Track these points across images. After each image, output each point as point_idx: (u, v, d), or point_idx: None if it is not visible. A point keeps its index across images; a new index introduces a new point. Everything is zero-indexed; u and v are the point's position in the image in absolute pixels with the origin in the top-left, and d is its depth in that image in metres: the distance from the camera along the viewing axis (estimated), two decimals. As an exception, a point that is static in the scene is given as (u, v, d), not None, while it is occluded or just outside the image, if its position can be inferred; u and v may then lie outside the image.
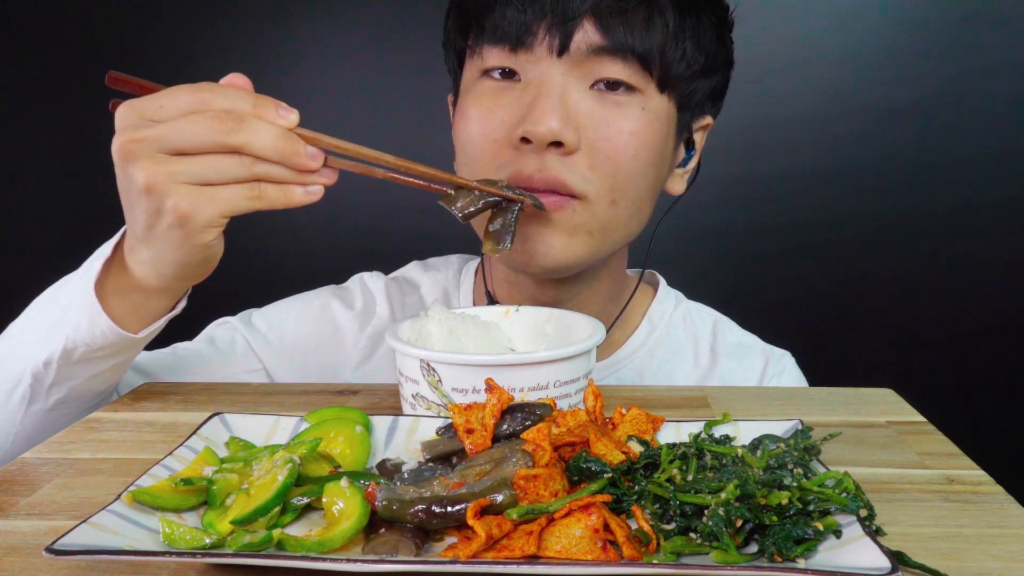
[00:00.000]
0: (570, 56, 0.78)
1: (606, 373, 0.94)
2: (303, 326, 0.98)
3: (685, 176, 0.92)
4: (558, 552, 0.45)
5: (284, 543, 0.46)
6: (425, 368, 0.63)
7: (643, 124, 0.80)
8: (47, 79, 1.98)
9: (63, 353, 0.70)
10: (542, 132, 0.76)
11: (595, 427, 0.55)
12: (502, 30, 0.79)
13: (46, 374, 0.72)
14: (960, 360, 1.98)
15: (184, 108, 0.59)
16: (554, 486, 0.48)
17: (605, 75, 0.79)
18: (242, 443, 0.59)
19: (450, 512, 0.46)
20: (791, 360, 1.00)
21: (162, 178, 0.59)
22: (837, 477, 0.49)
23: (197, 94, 0.60)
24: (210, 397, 0.77)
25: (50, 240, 2.06)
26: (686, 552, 0.45)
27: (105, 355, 0.72)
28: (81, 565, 0.46)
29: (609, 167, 0.79)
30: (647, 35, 0.78)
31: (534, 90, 0.78)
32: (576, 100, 0.79)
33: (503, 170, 0.80)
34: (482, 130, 0.81)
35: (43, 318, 0.74)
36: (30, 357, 0.72)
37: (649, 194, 0.85)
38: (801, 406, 0.74)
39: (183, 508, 0.50)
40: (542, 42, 0.78)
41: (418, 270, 1.05)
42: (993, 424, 1.90)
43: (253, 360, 0.95)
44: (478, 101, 0.82)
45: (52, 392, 0.73)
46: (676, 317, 1.00)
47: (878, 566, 0.41)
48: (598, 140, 0.79)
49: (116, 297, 0.69)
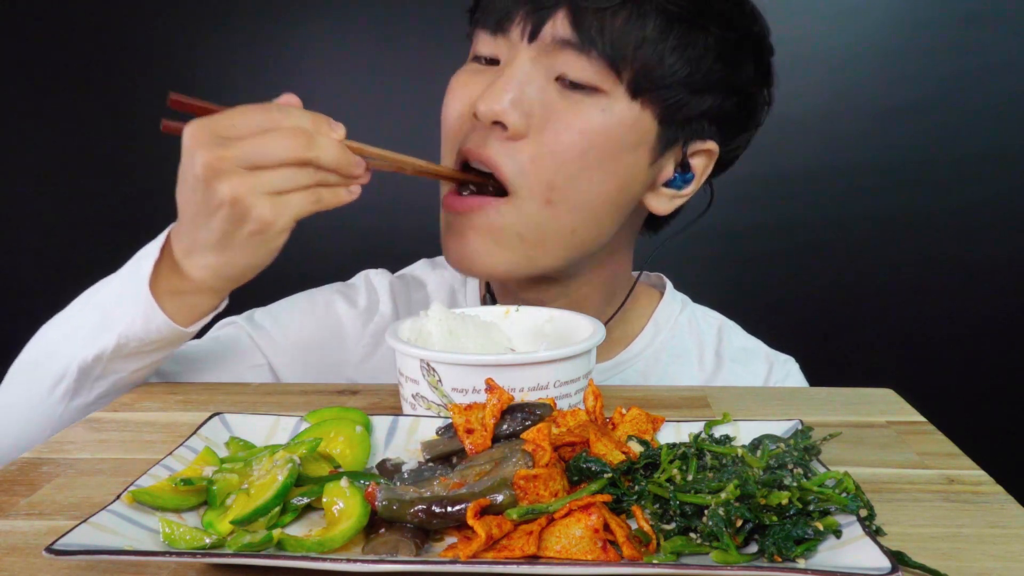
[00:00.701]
0: (538, 44, 0.78)
1: (610, 374, 0.94)
2: (307, 323, 0.98)
3: (676, 200, 0.88)
4: (558, 552, 0.45)
5: (284, 543, 0.46)
6: (425, 368, 0.63)
7: (597, 125, 0.78)
8: (47, 79, 1.98)
9: (115, 348, 0.74)
10: (483, 110, 0.77)
11: (595, 427, 0.55)
12: (488, 14, 0.81)
13: (94, 368, 0.75)
14: (960, 360, 1.98)
15: (257, 127, 0.66)
16: (554, 486, 0.48)
17: (568, 70, 0.78)
18: (242, 443, 0.59)
19: (450, 512, 0.46)
20: (795, 366, 1.00)
21: (247, 190, 0.65)
22: (837, 477, 0.49)
23: (267, 114, 0.67)
24: (210, 397, 0.77)
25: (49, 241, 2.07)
26: (686, 552, 0.45)
27: (154, 349, 0.76)
28: (81, 565, 0.46)
29: (550, 163, 0.78)
30: (621, 36, 0.76)
31: (500, 71, 0.80)
32: (536, 87, 0.78)
33: (453, 145, 0.82)
34: (453, 104, 0.84)
35: (87, 317, 0.78)
36: (75, 353, 0.75)
37: (603, 201, 0.81)
38: (801, 406, 0.74)
39: (183, 508, 0.50)
40: (517, 26, 0.79)
41: (426, 268, 1.05)
42: (993, 424, 1.90)
43: (257, 356, 0.95)
44: (459, 78, 0.85)
45: (96, 386, 0.77)
46: (682, 320, 0.99)
47: (878, 566, 0.41)
48: (545, 131, 0.78)
49: (169, 296, 0.74)
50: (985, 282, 1.96)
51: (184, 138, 0.67)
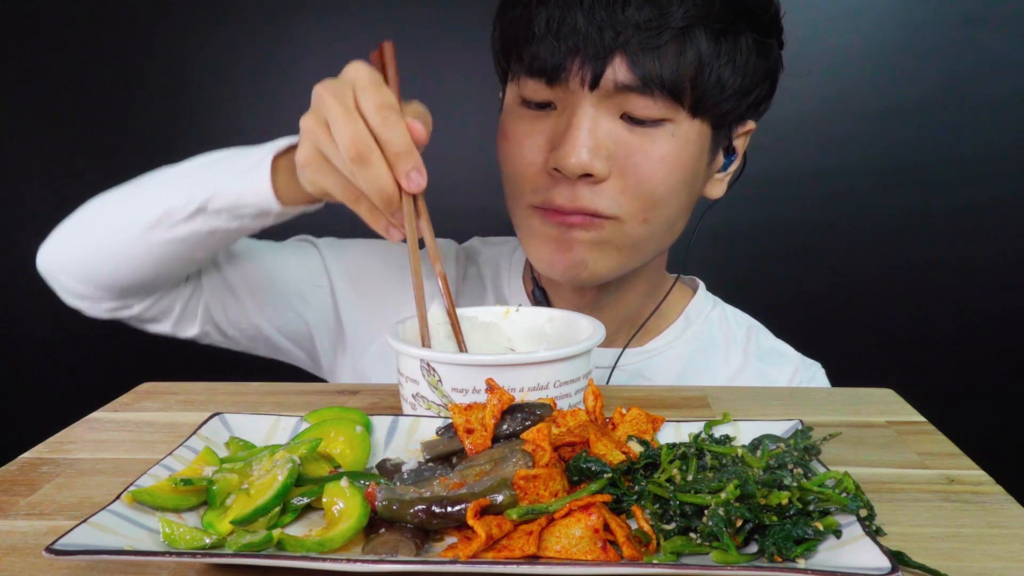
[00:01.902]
0: (600, 90, 0.79)
1: (638, 360, 0.97)
2: (376, 264, 1.03)
3: (726, 179, 0.93)
4: (558, 552, 0.45)
5: (284, 543, 0.46)
6: (425, 368, 0.63)
7: (672, 149, 0.81)
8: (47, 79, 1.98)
9: (212, 195, 0.79)
10: (572, 165, 0.79)
11: (595, 427, 0.55)
12: (538, 64, 0.81)
13: (184, 208, 0.80)
14: (960, 360, 1.98)
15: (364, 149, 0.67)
16: (554, 486, 0.48)
17: (634, 111, 0.80)
18: (242, 443, 0.59)
19: (450, 512, 0.46)
20: (821, 371, 1.01)
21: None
22: (837, 477, 0.49)
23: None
24: (210, 397, 0.77)
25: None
26: (686, 552, 0.45)
27: (242, 214, 0.80)
28: (81, 565, 0.46)
29: (640, 191, 0.82)
30: (678, 68, 0.78)
31: (566, 121, 0.81)
32: (606, 130, 0.80)
33: (538, 195, 0.84)
34: (520, 153, 0.85)
35: (192, 171, 0.84)
36: (175, 192, 0.81)
37: (682, 210, 0.87)
38: (801, 406, 0.74)
39: (183, 508, 0.50)
40: (575, 76, 0.80)
41: (478, 242, 1.10)
42: (993, 424, 1.90)
43: (323, 277, 1.00)
44: (517, 126, 0.86)
45: (178, 228, 0.82)
46: (713, 316, 1.03)
47: (878, 566, 0.41)
48: (628, 167, 0.81)
49: (282, 175, 0.78)
50: (985, 282, 1.95)
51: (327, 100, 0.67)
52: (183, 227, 0.82)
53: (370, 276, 1.02)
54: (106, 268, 0.87)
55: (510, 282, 1.02)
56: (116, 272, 0.87)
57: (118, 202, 0.88)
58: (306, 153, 0.69)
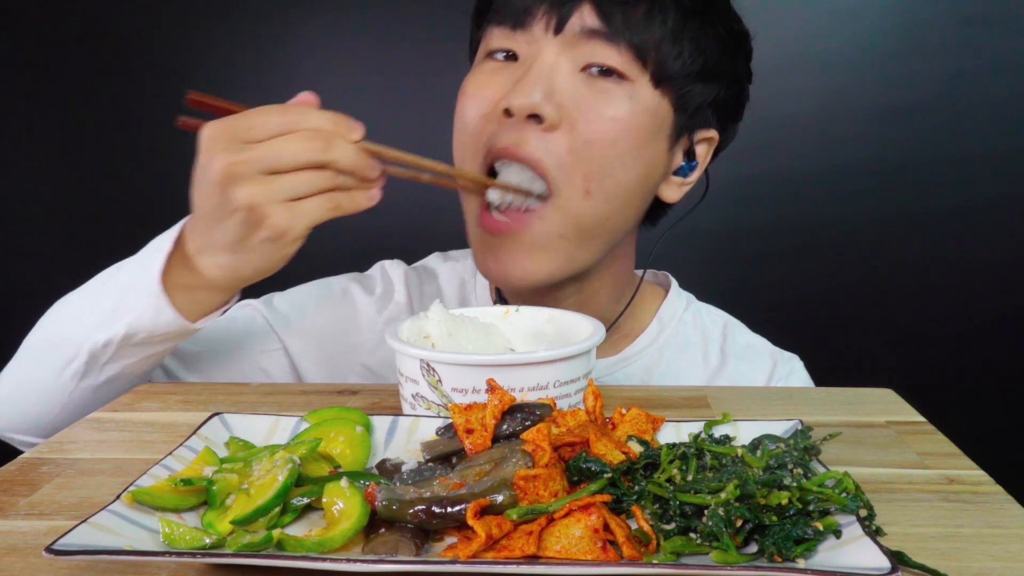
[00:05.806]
0: (564, 36, 0.79)
1: (614, 369, 0.95)
2: (323, 309, 0.99)
3: (684, 188, 0.91)
4: (558, 552, 0.45)
5: (284, 543, 0.46)
6: (425, 368, 0.63)
7: (627, 112, 0.80)
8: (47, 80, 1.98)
9: (124, 337, 0.75)
10: (520, 103, 0.78)
11: (595, 427, 0.55)
12: (505, 10, 0.82)
13: (103, 353, 0.76)
14: (960, 360, 1.98)
15: (276, 129, 0.65)
16: (554, 486, 0.48)
17: (597, 59, 0.80)
18: (242, 443, 0.59)
19: (450, 512, 0.46)
20: (799, 363, 1.00)
21: (264, 198, 0.65)
22: (837, 477, 0.49)
23: (285, 116, 0.66)
24: (210, 397, 0.77)
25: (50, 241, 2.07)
26: (686, 552, 0.45)
27: (163, 340, 0.77)
28: (81, 565, 0.46)
29: (586, 152, 0.80)
30: (645, 27, 0.79)
31: (526, 66, 0.81)
32: (564, 79, 0.80)
33: (481, 146, 0.82)
34: (473, 105, 0.84)
35: (100, 301, 0.78)
36: (88, 336, 0.76)
37: (633, 189, 0.84)
38: (801, 406, 0.74)
39: (183, 508, 0.50)
40: (540, 20, 0.80)
41: (438, 260, 1.07)
42: (993, 424, 1.90)
43: (273, 340, 0.96)
44: (476, 79, 0.85)
45: (105, 370, 0.78)
46: (687, 317, 1.01)
47: (878, 566, 0.41)
48: (579, 122, 0.79)
49: (181, 292, 0.74)
50: (985, 282, 1.95)
51: (201, 138, 0.66)
52: (112, 366, 0.78)
53: (318, 320, 0.98)
54: (52, 421, 0.80)
55: (477, 296, 1.01)
56: (64, 419, 0.79)
57: (40, 362, 0.82)
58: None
